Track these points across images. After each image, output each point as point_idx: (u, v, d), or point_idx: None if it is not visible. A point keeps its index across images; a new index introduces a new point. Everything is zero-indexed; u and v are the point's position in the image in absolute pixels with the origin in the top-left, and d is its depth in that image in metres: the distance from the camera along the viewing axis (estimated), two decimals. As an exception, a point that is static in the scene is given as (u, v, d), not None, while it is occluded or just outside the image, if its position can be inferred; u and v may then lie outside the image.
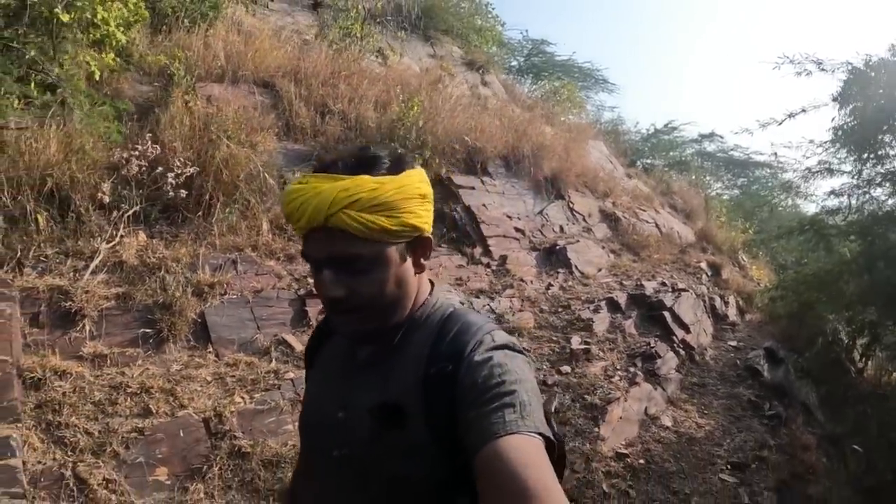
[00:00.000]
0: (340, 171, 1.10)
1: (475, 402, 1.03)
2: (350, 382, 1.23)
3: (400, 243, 1.13)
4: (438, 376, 1.10)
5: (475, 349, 1.10)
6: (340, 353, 1.29)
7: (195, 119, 5.44)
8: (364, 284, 1.12)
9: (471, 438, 1.00)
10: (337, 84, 7.19)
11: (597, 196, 8.30)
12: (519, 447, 0.94)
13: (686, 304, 6.14)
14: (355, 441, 1.16)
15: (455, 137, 6.63)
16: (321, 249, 1.12)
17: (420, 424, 1.09)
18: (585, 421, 4.09)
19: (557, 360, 4.70)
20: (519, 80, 14.59)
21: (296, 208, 1.10)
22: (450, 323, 1.18)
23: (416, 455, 1.09)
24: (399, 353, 1.19)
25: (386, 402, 1.13)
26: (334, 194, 1.06)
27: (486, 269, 5.66)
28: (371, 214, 1.07)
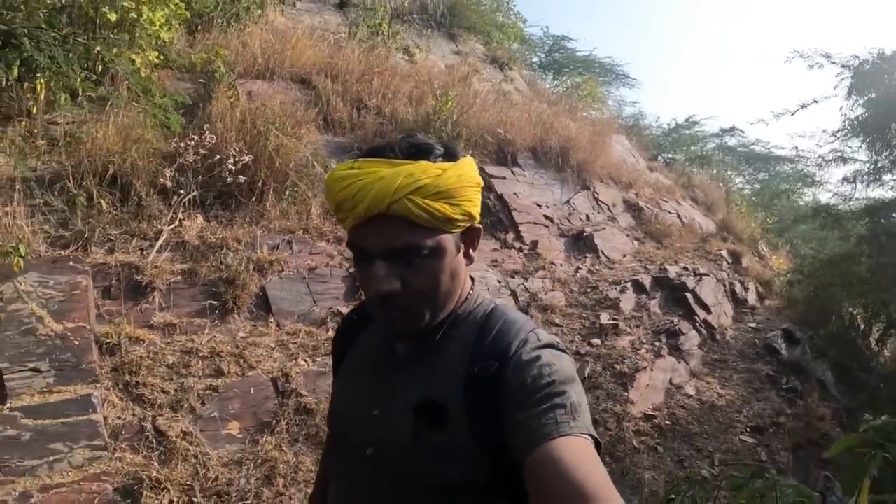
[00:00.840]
0: (398, 157, 1.07)
1: (524, 402, 1.02)
2: (388, 379, 1.20)
3: (456, 233, 1.11)
4: (483, 375, 1.09)
5: (521, 347, 1.08)
6: (376, 347, 1.26)
7: (244, 112, 5.92)
8: (421, 276, 1.08)
9: (520, 440, 0.99)
10: (370, 80, 7.66)
11: (620, 187, 8.69)
12: (573, 448, 0.94)
13: (707, 287, 6.53)
14: (392, 440, 1.13)
15: (486, 130, 7.07)
16: (378, 240, 1.07)
17: (462, 424, 1.07)
18: (615, 386, 4.51)
19: (588, 333, 5.13)
20: (541, 75, 15.00)
21: (350, 195, 1.06)
22: (492, 320, 1.16)
23: (455, 456, 1.07)
24: (441, 350, 1.16)
25: (429, 400, 1.11)
26: (399, 180, 1.03)
27: (518, 252, 6.10)
28: (435, 202, 1.05)
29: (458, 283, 1.15)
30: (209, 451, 3.70)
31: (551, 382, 1.02)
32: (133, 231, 4.76)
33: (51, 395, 3.58)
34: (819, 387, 5.86)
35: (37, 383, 3.58)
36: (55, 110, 5.20)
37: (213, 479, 3.55)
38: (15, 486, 3.18)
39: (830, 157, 7.05)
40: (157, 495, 3.34)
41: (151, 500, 3.30)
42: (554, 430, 0.95)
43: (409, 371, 1.18)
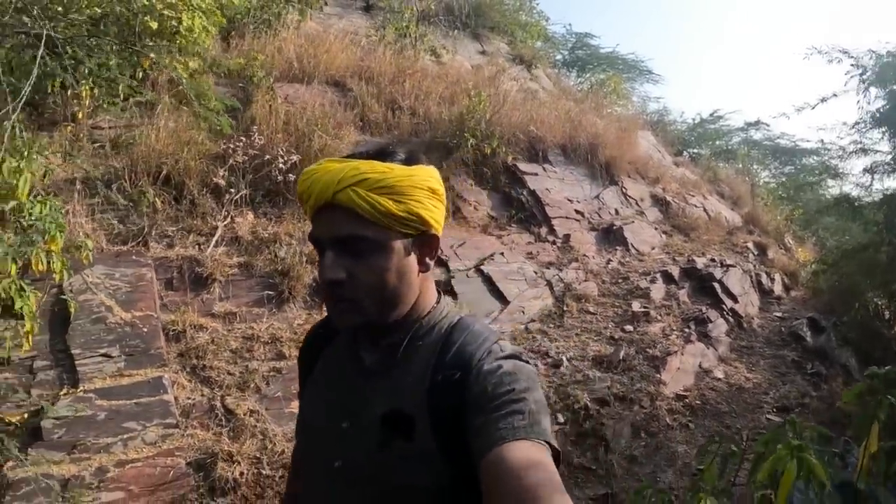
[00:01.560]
0: (355, 158, 1.16)
1: (484, 408, 1.06)
2: (356, 391, 1.23)
3: (406, 235, 1.16)
4: (446, 384, 1.13)
5: (484, 358, 1.13)
6: (343, 359, 1.30)
7: (288, 114, 6.34)
8: (365, 269, 1.13)
9: (478, 443, 1.03)
10: (402, 82, 8.06)
11: (647, 182, 9.01)
12: (528, 452, 0.98)
13: (734, 277, 6.84)
14: (361, 451, 1.17)
15: (518, 128, 7.44)
16: (326, 229, 1.14)
17: (427, 432, 1.12)
18: (648, 368, 4.86)
19: (621, 321, 5.48)
20: (564, 73, 15.31)
21: (306, 187, 1.15)
22: (457, 332, 1.21)
23: (422, 464, 1.11)
24: (406, 362, 1.20)
25: (396, 411, 1.15)
26: (344, 172, 1.11)
27: (552, 245, 6.46)
28: (378, 195, 1.10)
29: (406, 287, 1.18)
30: (275, 428, 4.07)
31: (511, 390, 1.06)
32: (188, 227, 5.18)
33: (122, 379, 3.95)
34: (843, 371, 6.15)
35: (108, 368, 3.95)
36: (98, 115, 5.64)
37: (279, 452, 3.87)
38: (91, 462, 3.47)
39: (851, 148, 7.33)
40: (230, 467, 3.66)
41: (224, 472, 3.62)
42: (510, 435, 1.00)
43: (376, 382, 1.21)
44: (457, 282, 5.20)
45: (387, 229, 1.12)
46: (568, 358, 4.70)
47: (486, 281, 5.38)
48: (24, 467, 3.30)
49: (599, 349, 4.95)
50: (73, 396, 3.71)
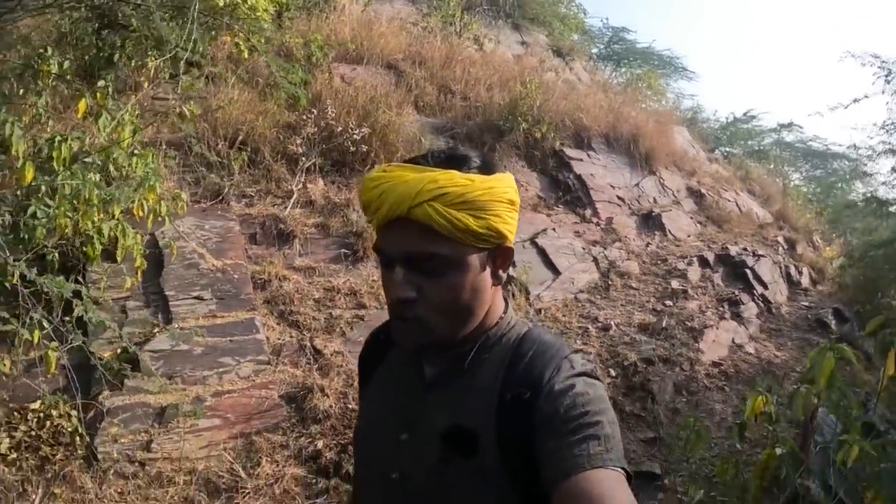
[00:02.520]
0: (429, 164, 1.10)
1: (556, 431, 1.03)
2: (416, 402, 1.21)
3: (482, 249, 1.11)
4: (515, 402, 1.10)
5: (555, 375, 1.09)
6: (404, 369, 1.27)
7: (348, 92, 6.96)
8: (437, 287, 1.10)
9: (550, 469, 1.01)
10: (452, 67, 8.66)
11: (683, 174, 9.58)
12: (606, 482, 0.96)
13: (765, 266, 7.42)
14: (419, 465, 1.15)
15: (565, 116, 8.03)
16: (398, 244, 1.10)
17: (493, 451, 1.09)
18: (687, 338, 5.45)
19: (661, 296, 6.07)
20: (600, 66, 15.85)
21: (376, 196, 1.09)
22: (525, 344, 1.17)
23: (485, 483, 1.09)
24: (471, 375, 1.17)
25: (459, 426, 1.12)
26: (422, 185, 1.05)
27: (596, 226, 7.06)
28: (458, 211, 1.06)
29: (479, 302, 1.15)
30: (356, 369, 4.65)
31: (585, 413, 1.03)
32: (265, 190, 5.79)
33: (215, 319, 4.49)
34: (865, 358, 6.73)
35: (200, 309, 4.44)
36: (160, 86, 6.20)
37: (362, 390, 4.50)
38: (188, 393, 3.93)
39: (880, 148, 7.89)
40: (320, 399, 4.17)
41: (315, 403, 4.13)
42: (586, 462, 0.97)
43: (438, 395, 1.18)
44: (517, 251, 5.81)
45: (463, 245, 1.08)
46: (615, 324, 5.31)
47: (541, 253, 6.00)
48: (121, 396, 3.77)
49: (643, 318, 5.56)
50: (168, 333, 4.19)
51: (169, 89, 6.25)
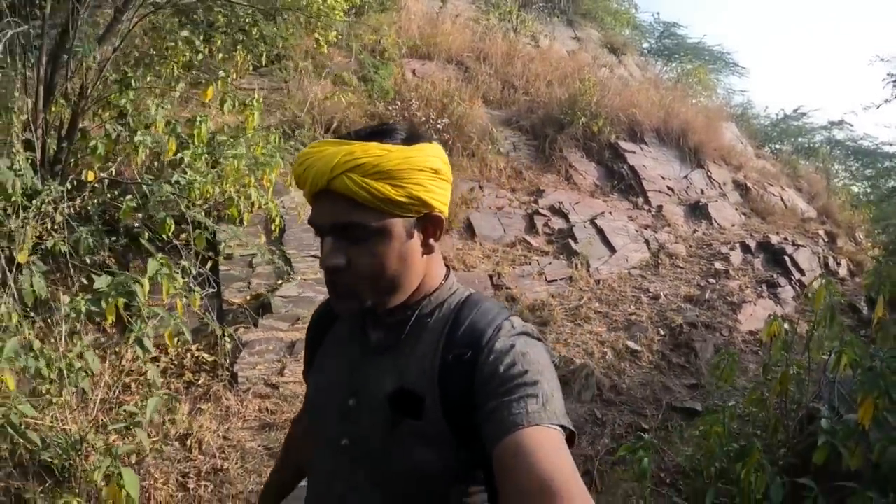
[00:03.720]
0: (351, 138, 1.17)
1: (496, 391, 1.08)
2: (361, 368, 1.28)
3: (408, 218, 1.18)
4: (457, 363, 1.16)
5: (495, 335, 1.15)
6: (350, 336, 1.35)
7: (421, 86, 8.10)
8: (364, 255, 1.16)
9: (490, 428, 1.06)
10: (513, 64, 9.79)
11: (730, 169, 10.57)
12: (541, 439, 1.01)
13: (803, 255, 8.40)
14: (367, 429, 1.22)
15: (620, 110, 9.11)
16: (324, 215, 1.17)
17: (437, 412, 1.16)
18: (727, 310, 6.50)
19: (705, 275, 7.12)
20: (651, 61, 16.80)
21: (302, 171, 1.17)
22: (466, 308, 1.24)
23: (432, 444, 1.16)
24: (414, 339, 1.24)
25: (404, 389, 1.19)
26: (338, 158, 1.12)
27: (647, 213, 8.13)
28: (375, 181, 1.12)
29: (408, 270, 1.21)
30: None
31: (524, 371, 1.09)
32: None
33: None
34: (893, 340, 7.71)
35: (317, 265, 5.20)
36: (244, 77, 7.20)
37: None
38: None
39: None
40: None
41: None
42: (524, 420, 1.02)
43: (383, 360, 1.25)
44: (577, 230, 6.93)
45: (386, 214, 1.15)
46: (664, 294, 6.39)
47: (599, 232, 7.09)
48: (256, 332, 4.80)
49: (688, 291, 6.62)
50: (294, 283, 5.25)
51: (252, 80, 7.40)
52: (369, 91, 7.51)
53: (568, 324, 5.51)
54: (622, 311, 5.96)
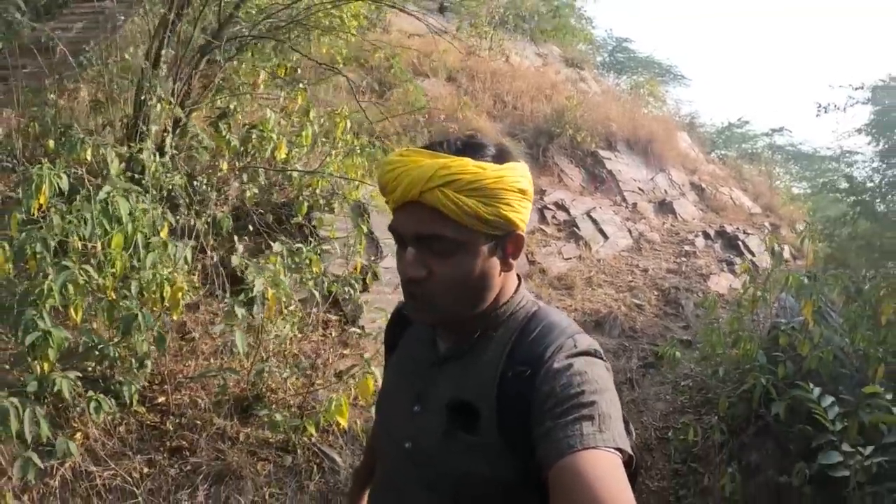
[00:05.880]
0: (444, 151, 1.29)
1: (552, 411, 1.19)
2: (429, 376, 1.45)
3: (492, 236, 1.31)
4: (515, 380, 1.29)
5: (555, 354, 1.27)
6: (421, 344, 1.52)
7: (435, 100, 10.51)
8: (446, 268, 1.30)
9: (545, 450, 1.17)
10: (500, 80, 12.34)
11: (687, 172, 13.32)
12: (596, 463, 1.10)
13: (753, 241, 11.14)
14: (427, 436, 1.37)
15: (598, 124, 11.76)
16: (410, 225, 1.30)
17: (492, 426, 1.29)
18: (699, 279, 9.09)
19: (678, 256, 9.74)
20: (605, 74, 19.60)
21: (392, 179, 1.29)
22: (532, 323, 1.37)
23: (486, 456, 1.29)
24: (479, 351, 1.38)
25: (462, 400, 1.33)
26: (434, 170, 1.24)
27: (625, 209, 10.76)
28: (467, 197, 1.24)
29: (487, 286, 1.36)
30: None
31: (581, 392, 1.19)
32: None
33: None
34: (826, 305, 10.50)
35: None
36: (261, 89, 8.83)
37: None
38: None
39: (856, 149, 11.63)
40: None
41: None
42: (578, 443, 1.12)
43: (448, 369, 1.42)
44: (578, 220, 9.47)
45: (472, 230, 1.28)
46: (651, 268, 8.98)
47: (594, 223, 9.64)
48: (368, 295, 6.07)
49: (668, 266, 9.20)
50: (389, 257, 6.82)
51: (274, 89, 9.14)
52: (402, 104, 9.83)
53: (586, 288, 7.97)
54: (623, 280, 8.48)
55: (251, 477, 4.25)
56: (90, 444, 4.00)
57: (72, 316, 4.05)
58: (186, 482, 4.12)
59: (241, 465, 4.25)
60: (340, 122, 6.74)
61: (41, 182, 4.12)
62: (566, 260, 8.59)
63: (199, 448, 4.29)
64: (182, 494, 4.04)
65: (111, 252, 4.15)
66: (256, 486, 4.24)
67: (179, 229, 5.20)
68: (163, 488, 4.06)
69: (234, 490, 4.18)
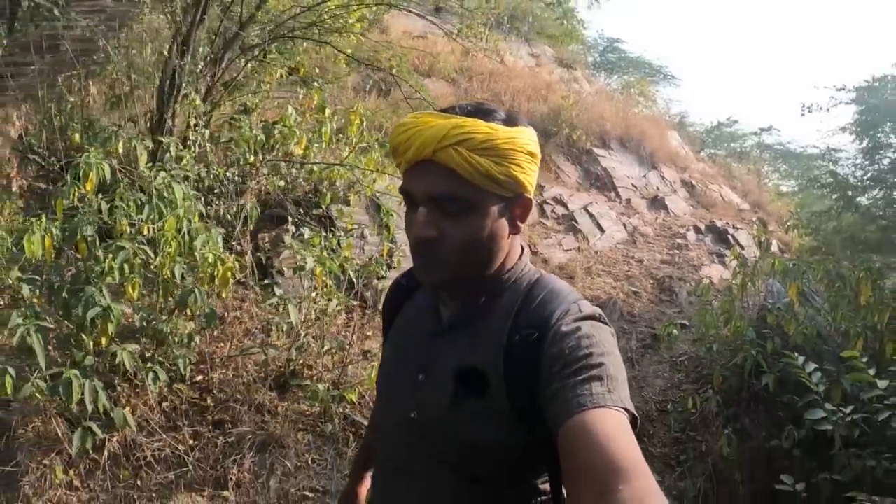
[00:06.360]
0: (456, 114, 1.35)
1: (561, 372, 1.24)
2: (433, 344, 1.49)
3: (502, 197, 1.37)
4: (523, 343, 1.34)
5: (562, 318, 1.33)
6: (423, 313, 1.57)
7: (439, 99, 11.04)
8: (457, 229, 1.34)
9: (555, 410, 1.22)
10: (497, 80, 12.90)
11: (678, 170, 13.92)
12: (606, 421, 1.14)
13: (742, 235, 11.73)
14: (434, 404, 1.42)
15: (593, 121, 12.34)
16: (422, 185, 1.35)
17: (501, 391, 1.34)
18: (691, 269, 9.68)
19: (671, 248, 10.33)
20: (596, 74, 20.20)
21: (405, 139, 1.35)
22: (536, 289, 1.43)
23: (494, 421, 1.34)
24: (484, 317, 1.44)
25: (470, 366, 1.38)
26: (447, 129, 1.30)
27: (619, 204, 11.34)
28: (480, 157, 1.30)
29: (496, 247, 1.41)
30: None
31: (589, 354, 1.25)
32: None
33: None
34: (813, 296, 11.12)
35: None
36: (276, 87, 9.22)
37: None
38: None
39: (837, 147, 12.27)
40: None
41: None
42: (588, 402, 1.17)
43: (453, 336, 1.46)
44: (576, 215, 10.04)
45: (483, 190, 1.33)
46: (646, 259, 9.56)
47: (591, 217, 10.21)
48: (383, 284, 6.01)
49: (662, 257, 9.78)
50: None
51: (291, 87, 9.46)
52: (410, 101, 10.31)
53: (586, 277, 8.51)
54: (620, 270, 9.05)
55: (293, 445, 4.72)
56: (137, 419, 4.34)
57: (129, 293, 4.48)
58: (232, 451, 4.51)
59: (283, 434, 4.71)
60: (355, 119, 7.22)
61: (88, 170, 4.55)
62: (566, 251, 9.14)
63: (240, 421, 4.71)
64: (228, 462, 4.43)
65: (165, 234, 4.60)
66: (298, 454, 4.69)
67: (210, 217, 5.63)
68: (210, 457, 4.45)
69: (278, 457, 4.63)
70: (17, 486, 3.90)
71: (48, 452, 4.03)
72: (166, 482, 4.25)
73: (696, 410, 5.77)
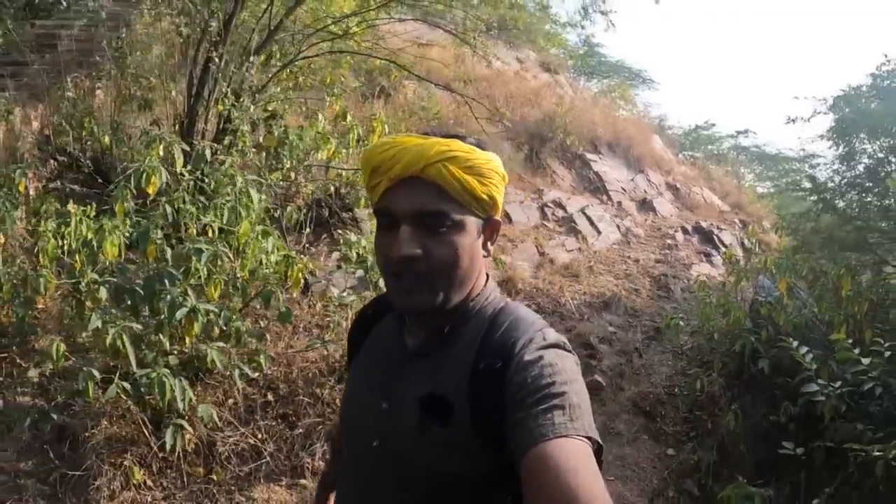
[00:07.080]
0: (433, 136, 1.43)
1: (523, 402, 1.28)
2: (397, 372, 1.51)
3: (480, 217, 1.44)
4: (487, 372, 1.37)
5: (526, 346, 1.37)
6: (388, 341, 1.60)
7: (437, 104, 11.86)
8: (441, 246, 1.38)
9: (518, 439, 1.25)
10: (492, 86, 13.72)
11: (662, 173, 14.86)
12: (567, 451, 1.17)
13: (726, 235, 12.70)
14: (398, 432, 1.44)
15: (584, 127, 13.23)
16: (406, 202, 1.38)
17: (465, 419, 1.36)
18: (682, 268, 10.59)
19: (662, 248, 11.24)
20: (576, 79, 21.06)
21: (389, 157, 1.39)
22: (501, 317, 1.47)
23: (458, 450, 1.36)
24: (449, 345, 1.47)
25: (435, 395, 1.41)
26: (434, 146, 1.36)
27: (611, 206, 12.25)
28: (466, 174, 1.37)
29: (474, 269, 1.46)
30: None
31: (551, 383, 1.28)
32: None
33: None
34: (793, 293, 12.11)
35: None
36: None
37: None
38: None
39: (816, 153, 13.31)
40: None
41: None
42: (550, 431, 1.20)
43: (418, 365, 1.49)
44: (575, 217, 10.92)
45: (465, 209, 1.39)
46: (641, 259, 10.45)
47: (588, 219, 11.09)
48: None
49: (655, 257, 10.67)
50: None
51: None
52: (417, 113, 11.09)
53: (589, 276, 9.35)
54: (619, 269, 9.92)
55: (359, 433, 5.37)
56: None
57: (210, 293, 4.89)
58: (304, 442, 4.90)
59: (348, 424, 5.34)
60: (377, 126, 7.72)
61: (151, 174, 4.87)
62: (568, 252, 10.00)
63: (304, 414, 5.08)
64: (303, 454, 4.82)
65: (240, 236, 5.12)
66: (365, 441, 5.36)
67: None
68: (283, 448, 4.82)
69: (346, 445, 5.26)
70: (86, 491, 4.04)
71: (121, 454, 4.22)
72: (243, 475, 4.54)
73: (702, 392, 6.64)
